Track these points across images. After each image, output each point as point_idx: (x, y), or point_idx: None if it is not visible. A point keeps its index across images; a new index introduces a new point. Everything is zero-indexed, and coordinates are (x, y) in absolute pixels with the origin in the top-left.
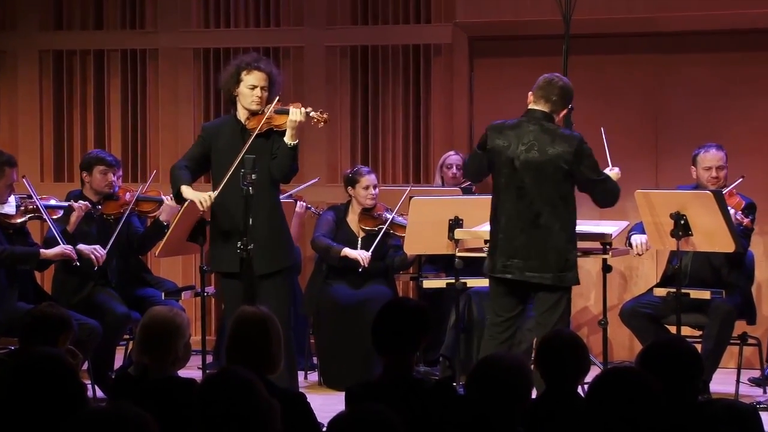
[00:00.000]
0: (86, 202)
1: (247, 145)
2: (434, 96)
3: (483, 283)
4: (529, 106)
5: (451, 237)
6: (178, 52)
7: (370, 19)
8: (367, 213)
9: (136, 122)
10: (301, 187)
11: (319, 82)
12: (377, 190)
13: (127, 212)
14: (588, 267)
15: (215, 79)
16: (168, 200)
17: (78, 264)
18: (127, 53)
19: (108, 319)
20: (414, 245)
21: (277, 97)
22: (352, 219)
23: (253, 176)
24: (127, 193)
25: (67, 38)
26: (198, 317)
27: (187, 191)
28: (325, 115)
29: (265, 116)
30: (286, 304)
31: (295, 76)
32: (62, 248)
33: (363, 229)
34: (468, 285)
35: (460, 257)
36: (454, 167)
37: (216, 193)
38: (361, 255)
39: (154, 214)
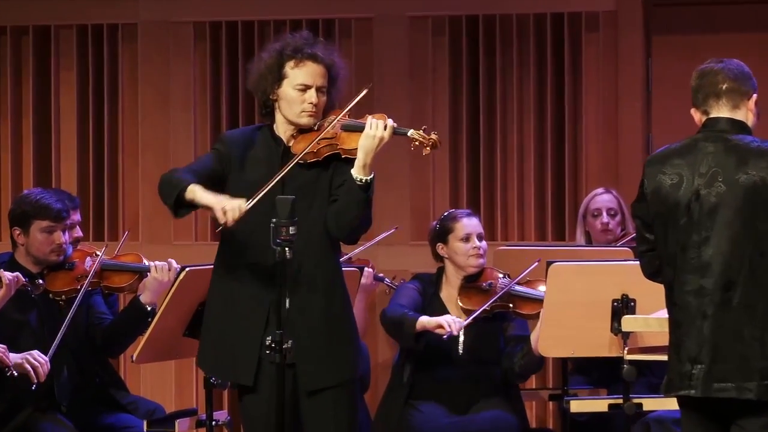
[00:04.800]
0: (17, 274)
1: (282, 174)
2: (587, 96)
3: (669, 404)
4: (710, 115)
5: (615, 329)
6: (168, 28)
7: None
8: (472, 284)
9: (101, 138)
10: (367, 245)
11: (397, 75)
12: (485, 242)
13: (86, 289)
14: None
15: (229, 71)
16: (155, 269)
17: (14, 374)
18: (87, 31)
19: None
20: (553, 342)
21: (346, 109)
22: (449, 295)
23: (292, 230)
24: (88, 259)
25: None
26: None
27: (200, 192)
28: (433, 136)
29: (324, 133)
30: None
31: (359, 65)
32: (22, 357)
33: (466, 311)
34: (644, 407)
35: (631, 362)
36: (605, 213)
37: (251, 203)
38: (446, 320)
39: (131, 291)
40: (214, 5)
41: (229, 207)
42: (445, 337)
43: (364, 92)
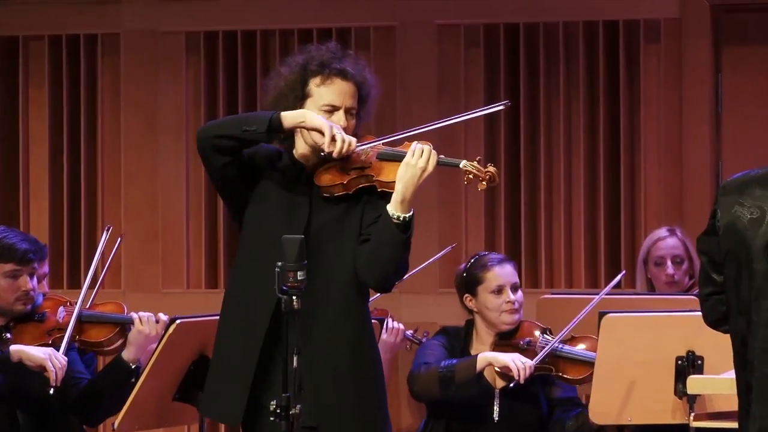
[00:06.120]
0: None
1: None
2: (646, 117)
3: None
4: None
5: (680, 391)
6: (156, 39)
7: None
8: (507, 341)
9: (77, 168)
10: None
11: (424, 92)
12: (520, 293)
13: (63, 345)
14: None
15: (227, 89)
16: (140, 321)
17: (55, 387)
18: (62, 42)
19: None
20: (606, 407)
21: (388, 139)
22: (480, 352)
23: (300, 275)
24: (61, 308)
25: None
26: None
27: (309, 112)
28: (491, 169)
29: (357, 164)
30: None
31: (381, 80)
32: (45, 353)
33: (502, 376)
34: None
35: (698, 429)
36: (669, 263)
37: (362, 147)
38: (514, 362)
39: (112, 347)
40: (210, 12)
41: (340, 136)
42: (511, 385)
43: (488, 111)
